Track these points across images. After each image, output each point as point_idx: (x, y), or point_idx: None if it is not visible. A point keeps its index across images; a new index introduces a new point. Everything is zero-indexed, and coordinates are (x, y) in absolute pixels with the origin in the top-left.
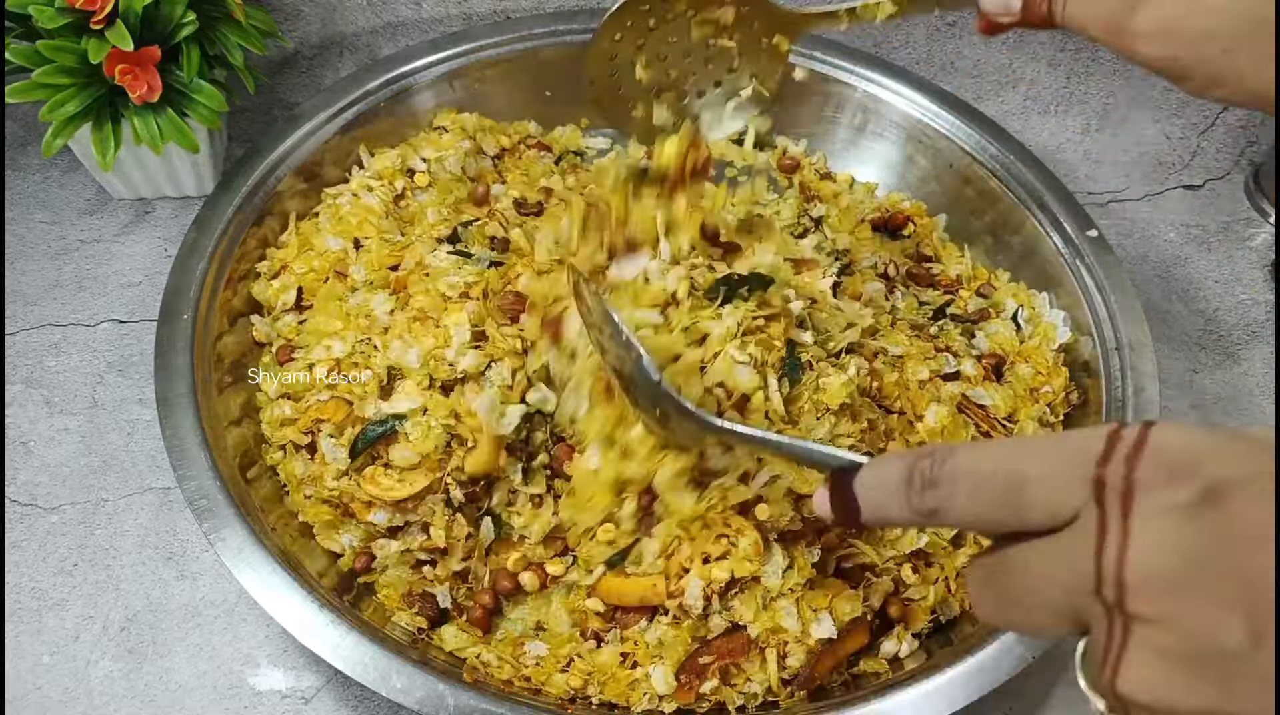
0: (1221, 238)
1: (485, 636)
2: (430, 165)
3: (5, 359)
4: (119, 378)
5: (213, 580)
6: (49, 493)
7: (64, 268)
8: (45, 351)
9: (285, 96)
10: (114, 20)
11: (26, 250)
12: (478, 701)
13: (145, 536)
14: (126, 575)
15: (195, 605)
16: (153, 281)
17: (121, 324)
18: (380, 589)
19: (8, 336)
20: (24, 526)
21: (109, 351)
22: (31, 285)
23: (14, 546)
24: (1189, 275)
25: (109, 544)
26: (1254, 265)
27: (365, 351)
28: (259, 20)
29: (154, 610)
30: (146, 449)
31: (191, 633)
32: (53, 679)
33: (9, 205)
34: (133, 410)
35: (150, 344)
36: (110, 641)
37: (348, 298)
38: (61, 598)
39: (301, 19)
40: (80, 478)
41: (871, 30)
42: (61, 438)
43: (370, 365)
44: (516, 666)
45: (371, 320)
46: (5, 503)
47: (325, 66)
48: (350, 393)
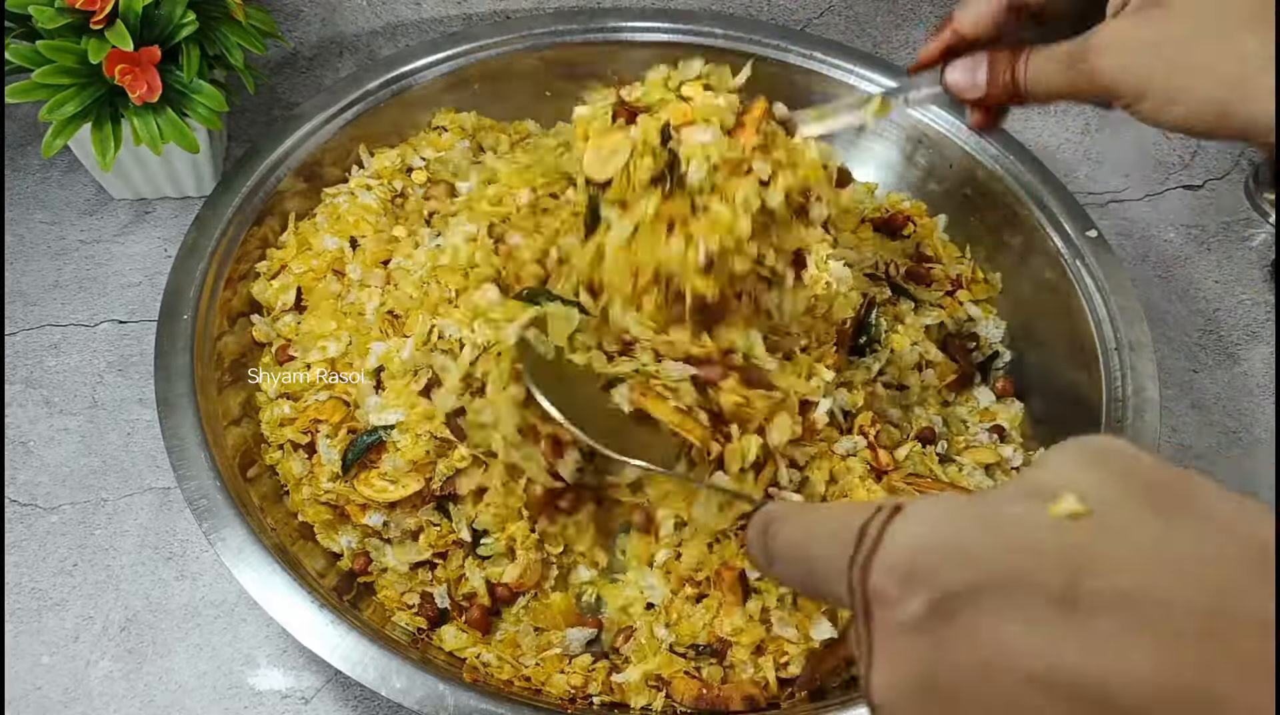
0: (1221, 238)
1: (485, 637)
2: (430, 164)
3: (5, 359)
4: (119, 378)
5: (212, 580)
6: (49, 493)
7: (64, 268)
8: (45, 351)
9: (285, 96)
10: (114, 20)
11: (26, 250)
12: (478, 702)
13: (145, 536)
14: (126, 575)
15: (195, 605)
16: (153, 281)
17: (121, 324)
18: (380, 589)
19: (7, 336)
20: (24, 526)
21: (109, 351)
22: (32, 285)
23: (13, 547)
24: (1189, 275)
25: (109, 544)
26: (1254, 265)
27: (358, 351)
28: (259, 20)
29: (154, 610)
30: (146, 449)
31: (191, 633)
32: (52, 679)
33: (9, 205)
34: (132, 410)
35: (150, 344)
36: (110, 642)
37: (344, 296)
38: (61, 598)
39: (301, 19)
40: (80, 478)
41: (872, 31)
42: (61, 438)
43: (360, 367)
44: (516, 666)
45: (361, 319)
46: (5, 503)
47: (325, 66)
48: (347, 393)
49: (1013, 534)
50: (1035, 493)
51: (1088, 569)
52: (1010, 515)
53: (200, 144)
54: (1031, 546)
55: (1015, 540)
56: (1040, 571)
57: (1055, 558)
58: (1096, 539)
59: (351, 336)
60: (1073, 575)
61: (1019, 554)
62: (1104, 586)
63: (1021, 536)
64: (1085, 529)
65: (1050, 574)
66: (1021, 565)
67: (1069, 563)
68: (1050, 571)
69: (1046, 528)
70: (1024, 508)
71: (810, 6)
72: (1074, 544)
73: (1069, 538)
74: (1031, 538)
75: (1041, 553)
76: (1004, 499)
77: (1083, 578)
